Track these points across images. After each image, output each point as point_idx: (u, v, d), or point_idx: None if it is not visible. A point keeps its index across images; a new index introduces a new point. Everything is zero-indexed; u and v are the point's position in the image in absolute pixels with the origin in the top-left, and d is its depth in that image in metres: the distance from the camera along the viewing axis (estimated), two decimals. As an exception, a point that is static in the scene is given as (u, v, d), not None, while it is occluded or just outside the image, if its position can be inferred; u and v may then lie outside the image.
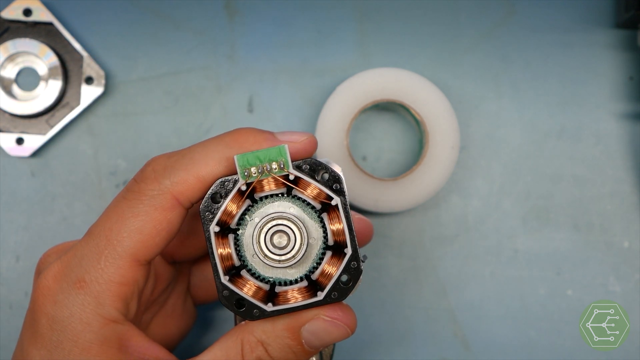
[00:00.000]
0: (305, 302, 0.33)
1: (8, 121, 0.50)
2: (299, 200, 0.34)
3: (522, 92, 0.51)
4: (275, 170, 0.34)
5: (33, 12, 0.50)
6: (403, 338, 0.50)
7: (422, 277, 0.50)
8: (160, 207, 0.34)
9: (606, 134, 0.51)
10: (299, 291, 0.34)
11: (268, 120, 0.51)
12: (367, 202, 0.48)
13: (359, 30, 0.51)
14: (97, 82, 0.50)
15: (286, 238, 0.33)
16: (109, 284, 0.34)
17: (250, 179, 0.34)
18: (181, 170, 0.35)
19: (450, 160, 0.48)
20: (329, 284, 0.33)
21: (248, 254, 0.34)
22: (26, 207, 0.51)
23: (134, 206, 0.35)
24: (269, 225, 0.33)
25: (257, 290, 0.34)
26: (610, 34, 0.51)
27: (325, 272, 0.34)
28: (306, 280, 0.34)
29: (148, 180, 0.35)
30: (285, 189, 0.34)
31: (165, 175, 0.35)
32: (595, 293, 0.50)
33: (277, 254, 0.33)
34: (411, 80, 0.49)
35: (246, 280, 0.34)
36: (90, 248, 0.35)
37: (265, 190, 0.34)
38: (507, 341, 0.50)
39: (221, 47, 0.51)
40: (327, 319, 0.34)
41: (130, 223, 0.34)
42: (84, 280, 0.34)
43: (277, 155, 0.34)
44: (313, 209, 0.34)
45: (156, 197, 0.34)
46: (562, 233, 0.50)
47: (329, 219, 0.34)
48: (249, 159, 0.34)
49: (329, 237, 0.34)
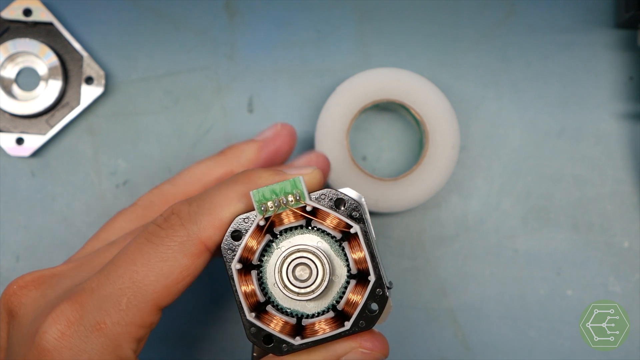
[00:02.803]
0: (334, 332, 0.33)
1: (8, 121, 0.50)
2: (323, 234, 0.34)
3: (522, 92, 0.51)
4: (292, 202, 0.33)
5: (33, 12, 0.50)
6: (403, 338, 0.50)
7: (422, 277, 0.50)
8: (189, 254, 0.34)
9: (606, 134, 0.51)
10: (326, 322, 0.34)
11: (268, 120, 0.51)
12: (367, 202, 0.48)
13: (359, 30, 0.51)
14: (97, 82, 0.50)
15: (308, 271, 0.33)
16: (129, 327, 0.34)
17: (268, 213, 0.33)
18: (205, 215, 0.34)
19: (450, 160, 0.48)
20: (355, 313, 0.33)
21: (269, 282, 0.34)
22: (26, 207, 0.51)
23: (161, 251, 0.34)
24: (293, 256, 0.33)
25: (284, 325, 0.34)
26: (610, 34, 0.51)
27: (350, 301, 0.34)
28: (332, 311, 0.34)
29: (175, 227, 0.34)
30: (304, 220, 0.34)
31: (191, 221, 0.34)
32: (595, 293, 0.50)
33: (297, 287, 0.33)
34: (411, 80, 0.49)
35: (272, 315, 0.34)
36: (111, 290, 0.34)
37: (285, 223, 0.34)
38: (507, 341, 0.50)
39: (221, 47, 0.51)
40: (365, 352, 0.34)
41: (157, 268, 0.34)
42: (104, 322, 0.33)
43: (292, 188, 0.33)
44: (334, 239, 0.34)
45: (185, 243, 0.34)
46: (562, 233, 0.50)
47: (350, 248, 0.34)
48: (265, 194, 0.33)
49: (351, 265, 0.34)
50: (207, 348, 0.50)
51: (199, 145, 0.51)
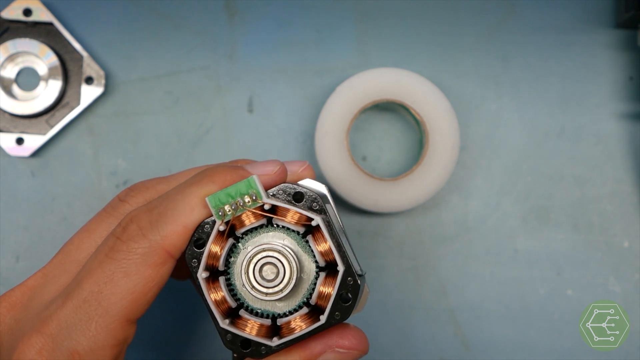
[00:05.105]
0: (310, 328, 0.33)
1: (8, 121, 0.50)
2: (288, 230, 0.33)
3: (522, 92, 0.51)
4: (249, 203, 0.33)
5: (33, 12, 0.50)
6: (403, 338, 0.50)
7: (422, 277, 0.50)
8: (152, 264, 0.33)
9: (606, 134, 0.51)
10: (301, 319, 0.33)
11: (268, 120, 0.51)
12: (367, 202, 0.48)
13: (359, 30, 0.51)
14: (97, 82, 0.50)
15: (275, 270, 0.33)
16: (104, 350, 0.33)
17: (226, 217, 0.33)
18: (168, 223, 0.33)
19: (450, 160, 0.48)
20: (328, 306, 0.32)
21: (238, 285, 0.33)
22: (26, 207, 0.51)
23: (123, 266, 0.33)
24: (258, 256, 0.33)
25: (260, 328, 0.33)
26: (610, 34, 0.51)
27: (322, 294, 0.33)
28: (306, 307, 0.33)
29: (136, 238, 0.33)
30: (266, 219, 0.33)
31: (153, 230, 0.33)
32: (595, 293, 0.50)
33: (265, 287, 0.32)
34: (411, 80, 0.49)
35: (246, 319, 0.33)
36: (78, 316, 0.33)
37: (247, 224, 0.34)
38: (507, 341, 0.50)
39: (221, 47, 0.51)
40: (342, 351, 0.34)
41: (121, 284, 0.33)
42: (77, 352, 0.32)
43: (247, 188, 0.33)
44: (299, 234, 0.33)
45: (147, 254, 0.33)
46: (562, 233, 0.50)
47: (315, 240, 0.33)
48: (221, 198, 0.33)
49: (319, 258, 0.33)
50: (191, 349, 0.50)
51: (199, 145, 0.51)
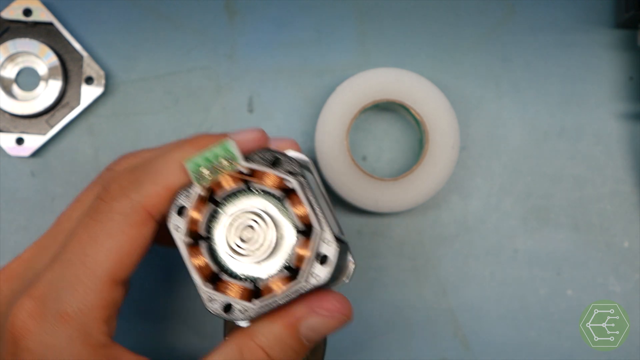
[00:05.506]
0: (290, 289, 0.33)
1: (8, 121, 0.50)
2: (267, 195, 0.34)
3: (522, 92, 0.51)
4: (227, 166, 0.33)
5: (33, 12, 0.50)
6: (403, 338, 0.50)
7: (422, 277, 0.50)
8: (134, 224, 0.33)
9: (606, 134, 0.51)
10: (282, 281, 0.33)
11: (268, 120, 0.51)
12: (367, 202, 0.48)
13: (359, 30, 0.51)
14: (97, 82, 0.50)
15: (254, 233, 0.33)
16: (93, 311, 0.33)
17: (204, 181, 0.33)
18: (149, 183, 0.34)
19: (450, 160, 0.48)
20: (304, 266, 0.33)
21: (220, 249, 0.34)
22: (26, 207, 0.51)
23: (106, 226, 0.33)
24: (238, 220, 0.33)
25: (242, 291, 0.33)
26: (610, 34, 0.51)
27: (300, 256, 0.33)
28: (287, 270, 0.33)
29: (117, 197, 0.34)
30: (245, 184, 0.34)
31: (134, 190, 0.34)
32: (595, 293, 0.50)
33: (245, 249, 0.33)
34: (411, 80, 0.49)
35: (228, 283, 0.33)
36: (65, 277, 0.33)
37: (227, 189, 0.34)
38: (507, 341, 0.50)
39: (221, 47, 0.51)
40: (325, 313, 0.34)
41: (105, 244, 0.33)
42: (66, 313, 0.33)
43: (224, 152, 0.33)
44: (278, 199, 0.34)
45: (129, 214, 0.33)
46: (562, 233, 0.50)
47: (292, 204, 0.33)
48: (198, 162, 0.33)
49: (297, 221, 0.33)
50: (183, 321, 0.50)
51: (199, 145, 0.51)
